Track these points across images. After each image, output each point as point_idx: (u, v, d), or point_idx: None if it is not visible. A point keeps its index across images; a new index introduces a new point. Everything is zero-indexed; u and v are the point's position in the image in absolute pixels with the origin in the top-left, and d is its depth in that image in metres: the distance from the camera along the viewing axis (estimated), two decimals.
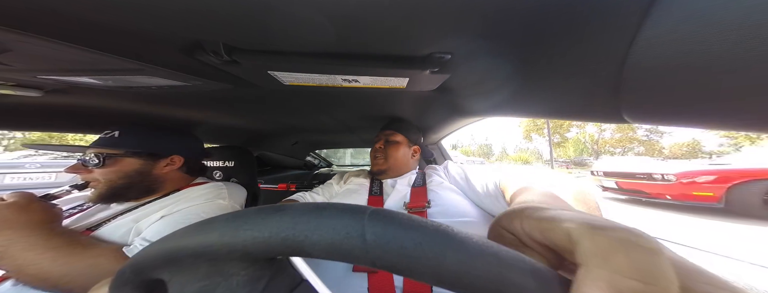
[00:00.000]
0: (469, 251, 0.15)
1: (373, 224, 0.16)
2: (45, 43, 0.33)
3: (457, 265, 0.15)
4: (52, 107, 0.67)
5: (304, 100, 0.75)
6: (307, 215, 0.17)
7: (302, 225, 0.16)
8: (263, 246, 0.17)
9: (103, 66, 0.42)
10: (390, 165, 0.85)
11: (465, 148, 43.28)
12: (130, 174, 0.66)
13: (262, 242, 0.17)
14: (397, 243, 0.15)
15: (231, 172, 1.01)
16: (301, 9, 0.28)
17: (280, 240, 0.16)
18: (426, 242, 0.15)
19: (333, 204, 0.18)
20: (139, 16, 0.30)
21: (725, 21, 0.19)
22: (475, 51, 0.40)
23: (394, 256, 0.15)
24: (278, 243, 0.16)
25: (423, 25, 0.32)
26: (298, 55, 0.40)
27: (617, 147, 27.52)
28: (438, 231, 0.16)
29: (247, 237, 0.17)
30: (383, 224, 0.16)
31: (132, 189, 0.67)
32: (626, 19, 0.25)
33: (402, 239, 0.15)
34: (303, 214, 0.17)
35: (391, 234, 0.16)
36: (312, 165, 2.50)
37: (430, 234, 0.16)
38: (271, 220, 0.17)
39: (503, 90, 0.55)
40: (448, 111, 0.87)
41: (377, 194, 0.76)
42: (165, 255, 0.19)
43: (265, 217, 0.17)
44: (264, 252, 0.17)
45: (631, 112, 0.34)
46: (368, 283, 0.43)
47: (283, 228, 0.16)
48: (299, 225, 0.16)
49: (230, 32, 0.34)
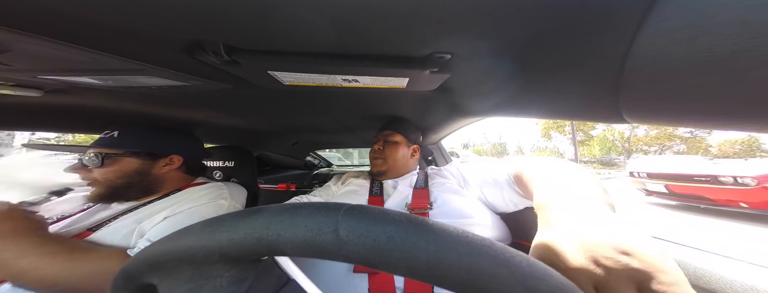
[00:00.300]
0: (441, 242, 0.15)
1: (347, 220, 0.16)
2: (45, 43, 0.33)
3: (428, 256, 0.15)
4: (52, 107, 0.67)
5: (304, 100, 0.75)
6: (281, 215, 0.17)
7: (276, 225, 0.17)
8: (239, 247, 0.17)
9: (103, 66, 0.42)
10: (390, 165, 0.84)
11: (477, 147, 41.18)
12: (129, 173, 0.66)
13: (237, 243, 0.17)
14: (370, 237, 0.16)
15: (231, 172, 1.01)
16: (301, 9, 0.28)
17: (255, 240, 0.17)
18: (398, 234, 0.16)
19: (309, 203, 0.18)
20: (139, 16, 0.30)
21: (725, 21, 0.19)
22: (475, 51, 0.40)
23: (367, 250, 0.15)
24: (254, 243, 0.17)
25: (423, 25, 0.32)
26: (298, 55, 0.40)
27: (652, 146, 24.75)
28: (411, 223, 0.16)
29: (223, 239, 0.17)
30: (356, 219, 0.16)
31: (131, 189, 0.67)
32: (626, 19, 0.25)
33: (375, 233, 0.16)
34: (277, 214, 0.17)
35: (363, 229, 0.16)
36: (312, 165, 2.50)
37: (402, 227, 0.16)
38: (245, 222, 0.18)
39: (503, 90, 0.55)
40: (448, 111, 0.87)
41: (377, 194, 0.75)
42: (150, 262, 0.20)
43: (241, 219, 0.18)
44: (241, 252, 0.17)
45: (631, 112, 0.34)
46: (369, 284, 0.43)
47: (257, 229, 0.17)
48: (273, 224, 0.17)
49: (230, 32, 0.34)
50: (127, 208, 0.66)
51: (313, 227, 0.16)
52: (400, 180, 0.81)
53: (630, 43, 0.26)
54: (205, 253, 0.18)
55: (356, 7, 0.28)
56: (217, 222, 0.19)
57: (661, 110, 0.30)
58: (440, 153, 1.58)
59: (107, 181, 0.64)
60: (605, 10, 0.26)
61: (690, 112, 0.27)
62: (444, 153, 1.59)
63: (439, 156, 1.57)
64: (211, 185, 0.77)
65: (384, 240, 0.15)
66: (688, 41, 0.21)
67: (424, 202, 0.65)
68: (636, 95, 0.31)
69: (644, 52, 0.26)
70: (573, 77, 0.38)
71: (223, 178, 0.99)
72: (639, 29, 0.25)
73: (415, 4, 0.27)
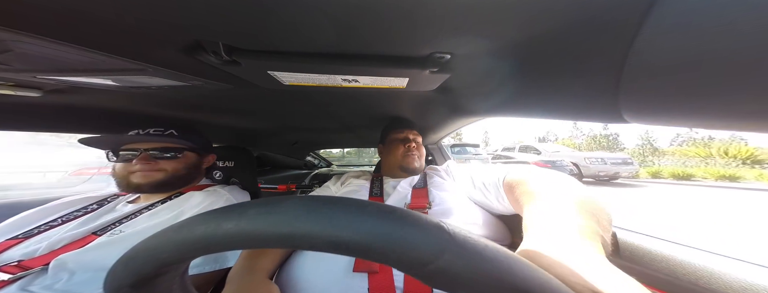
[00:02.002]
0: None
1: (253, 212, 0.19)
2: (45, 43, 0.33)
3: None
4: (52, 107, 0.67)
5: (304, 99, 0.75)
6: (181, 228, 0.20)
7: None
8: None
9: (103, 66, 0.42)
10: (421, 163, 0.93)
11: (566, 140, 31.10)
12: (189, 166, 0.78)
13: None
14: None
15: (231, 172, 1.01)
16: (301, 9, 0.28)
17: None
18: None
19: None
20: (139, 16, 0.30)
21: (725, 20, 0.19)
22: (475, 51, 0.40)
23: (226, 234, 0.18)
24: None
25: (423, 26, 0.32)
26: (298, 55, 0.40)
27: None
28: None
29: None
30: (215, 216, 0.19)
31: (184, 180, 0.77)
32: (626, 19, 0.25)
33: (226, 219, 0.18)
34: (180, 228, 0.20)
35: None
36: (312, 165, 2.50)
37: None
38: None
39: (503, 90, 0.55)
40: (448, 111, 0.87)
41: (378, 195, 0.76)
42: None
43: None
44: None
45: (631, 112, 0.34)
46: (368, 284, 0.43)
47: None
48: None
49: (230, 32, 0.34)
50: (132, 210, 0.66)
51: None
52: (402, 180, 0.81)
53: (630, 43, 0.26)
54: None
55: (356, 7, 0.28)
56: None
57: (661, 110, 0.30)
58: (441, 153, 1.58)
59: (174, 171, 0.73)
60: (605, 10, 0.26)
61: (690, 112, 0.27)
62: (444, 153, 1.59)
63: (440, 157, 1.57)
64: (212, 191, 0.77)
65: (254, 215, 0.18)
66: (688, 41, 0.21)
67: (423, 202, 0.65)
68: (636, 95, 0.31)
69: (644, 52, 0.26)
70: (573, 77, 0.38)
71: (222, 178, 1.00)
72: (639, 29, 0.25)
73: (414, 4, 0.27)
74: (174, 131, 0.77)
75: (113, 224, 0.61)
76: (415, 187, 0.74)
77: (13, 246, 0.54)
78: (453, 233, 0.17)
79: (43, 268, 0.49)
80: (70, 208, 0.68)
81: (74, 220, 0.63)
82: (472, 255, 0.16)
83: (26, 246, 0.55)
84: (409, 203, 0.66)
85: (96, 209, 0.68)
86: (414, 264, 0.16)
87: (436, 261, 0.16)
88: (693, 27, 0.21)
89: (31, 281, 0.48)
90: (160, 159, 0.72)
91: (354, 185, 0.84)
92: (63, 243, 0.55)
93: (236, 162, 1.03)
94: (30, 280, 0.48)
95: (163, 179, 0.71)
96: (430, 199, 0.66)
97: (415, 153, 0.92)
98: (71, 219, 0.64)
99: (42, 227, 0.61)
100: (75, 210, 0.68)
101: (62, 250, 0.53)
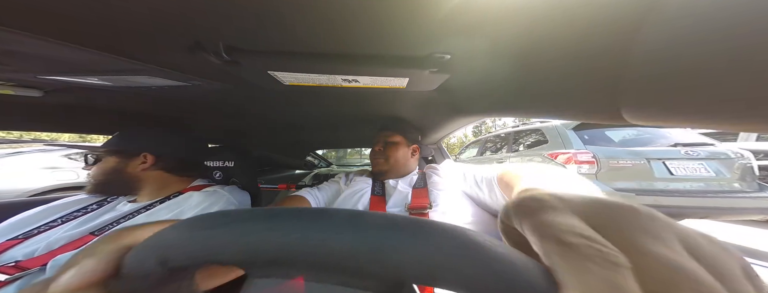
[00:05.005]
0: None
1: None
2: (45, 43, 0.33)
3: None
4: (52, 107, 0.67)
5: (304, 100, 0.75)
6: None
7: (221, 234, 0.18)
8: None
9: (103, 66, 0.42)
10: (391, 165, 0.85)
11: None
12: (107, 171, 0.70)
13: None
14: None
15: (231, 172, 1.01)
16: (300, 9, 0.28)
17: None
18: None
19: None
20: (139, 17, 0.30)
21: (726, 20, 0.19)
22: (475, 51, 0.40)
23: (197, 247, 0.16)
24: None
25: (422, 26, 0.32)
26: (298, 55, 0.40)
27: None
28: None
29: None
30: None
31: (111, 186, 0.71)
32: (626, 18, 0.25)
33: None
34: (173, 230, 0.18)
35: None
36: (312, 165, 2.50)
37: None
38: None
39: (503, 90, 0.55)
40: (448, 111, 0.87)
41: (379, 194, 0.76)
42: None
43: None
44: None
45: (631, 111, 0.33)
46: None
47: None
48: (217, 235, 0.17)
49: (230, 32, 0.34)
50: (129, 210, 0.66)
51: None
52: (401, 180, 0.81)
53: (630, 42, 0.26)
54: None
55: (356, 7, 0.28)
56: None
57: (662, 110, 0.30)
58: (440, 153, 1.58)
59: (94, 177, 0.69)
60: (605, 10, 0.26)
61: (691, 112, 0.27)
62: (444, 153, 1.59)
63: (439, 157, 1.57)
64: (212, 191, 0.75)
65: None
66: (688, 41, 0.21)
67: (424, 202, 0.65)
68: (636, 95, 0.31)
69: (644, 52, 0.26)
70: (573, 77, 0.38)
71: (222, 178, 0.99)
72: (639, 29, 0.25)
73: (414, 4, 0.27)
74: (117, 133, 0.72)
75: (111, 224, 0.61)
76: (415, 187, 0.74)
77: (13, 246, 0.54)
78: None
79: (40, 269, 0.49)
80: (71, 208, 0.68)
81: (74, 220, 0.63)
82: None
83: (26, 246, 0.55)
84: (409, 203, 0.66)
85: (95, 209, 0.68)
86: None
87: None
88: (693, 27, 0.21)
89: (30, 281, 0.48)
90: (92, 165, 0.71)
91: (358, 185, 0.84)
92: (61, 243, 0.55)
93: (236, 162, 1.02)
94: (28, 281, 0.48)
95: (92, 187, 0.69)
96: (430, 199, 0.66)
97: (379, 157, 0.87)
98: (71, 219, 0.64)
99: (42, 227, 0.61)
100: (75, 210, 0.67)
101: (60, 250, 0.53)
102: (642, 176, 2.27)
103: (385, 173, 0.84)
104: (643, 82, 0.28)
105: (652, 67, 0.26)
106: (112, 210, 0.67)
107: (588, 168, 2.36)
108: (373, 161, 0.88)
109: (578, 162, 2.40)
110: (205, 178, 0.88)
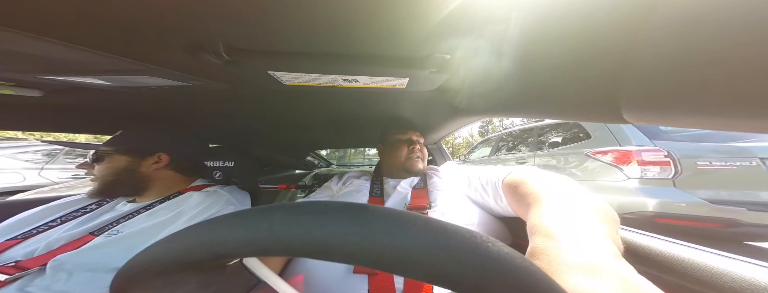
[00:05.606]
0: (372, 226, 0.16)
1: (281, 216, 0.17)
2: (45, 43, 0.33)
3: (363, 242, 0.15)
4: (52, 107, 0.67)
5: (304, 100, 0.75)
6: (228, 221, 0.18)
7: (221, 230, 0.18)
8: (184, 255, 0.18)
9: (104, 66, 0.42)
10: (424, 165, 0.91)
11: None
12: (117, 171, 0.68)
13: (183, 251, 0.18)
14: (303, 228, 0.16)
15: (231, 172, 1.01)
16: (301, 9, 0.28)
17: (202, 247, 0.18)
18: (331, 223, 0.16)
19: (251, 209, 0.19)
20: (139, 16, 0.30)
21: (727, 20, 0.19)
22: (475, 51, 0.40)
23: (300, 241, 0.16)
24: (201, 250, 0.18)
25: (423, 26, 0.32)
26: (298, 55, 0.40)
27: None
28: (341, 210, 0.17)
29: (173, 250, 0.19)
30: (290, 215, 0.17)
31: (121, 186, 0.69)
32: (626, 18, 0.25)
33: (308, 224, 0.16)
34: (224, 221, 0.19)
35: (296, 222, 0.16)
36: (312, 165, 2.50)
37: (334, 215, 0.16)
38: (191, 233, 0.19)
39: (503, 90, 0.55)
40: (448, 111, 0.87)
41: (377, 195, 0.75)
42: (129, 277, 0.20)
43: (190, 231, 0.19)
44: (194, 259, 0.18)
45: (631, 111, 0.33)
46: (368, 285, 0.43)
47: (202, 236, 0.18)
48: (217, 230, 0.18)
49: (230, 32, 0.34)
50: (129, 210, 0.66)
51: (252, 226, 0.17)
52: (402, 181, 0.81)
53: (630, 42, 0.26)
54: (163, 263, 0.19)
55: (356, 7, 0.28)
56: (170, 237, 0.20)
57: (661, 109, 0.30)
58: (441, 153, 1.58)
59: (101, 177, 0.67)
60: (605, 9, 0.26)
61: (691, 112, 0.27)
62: (444, 153, 1.59)
63: (440, 157, 1.57)
64: (211, 191, 0.75)
65: (316, 229, 0.16)
66: (688, 40, 0.21)
67: (424, 202, 0.65)
68: (636, 95, 0.31)
69: (644, 52, 0.26)
70: (572, 77, 0.38)
71: (223, 178, 0.99)
72: (639, 28, 0.25)
73: (414, 5, 0.27)
74: (120, 132, 0.71)
75: (111, 224, 0.61)
76: (415, 188, 0.74)
77: (12, 246, 0.54)
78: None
79: (40, 269, 0.49)
80: (70, 208, 0.68)
81: (73, 220, 0.63)
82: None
83: (26, 246, 0.55)
84: (409, 203, 0.66)
85: (95, 209, 0.67)
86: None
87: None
88: (694, 27, 0.21)
89: (30, 281, 0.48)
90: (96, 165, 0.69)
91: (355, 185, 0.84)
92: (60, 243, 0.55)
93: (236, 162, 1.02)
94: (28, 281, 0.48)
95: (97, 186, 0.68)
96: (430, 200, 0.66)
97: (419, 156, 0.91)
98: (70, 219, 0.64)
99: (41, 227, 0.61)
100: (74, 210, 0.67)
101: (60, 250, 0.53)
102: (753, 183, 1.56)
103: (419, 172, 0.88)
104: (643, 81, 0.28)
105: (652, 66, 0.26)
106: (111, 210, 0.67)
107: (659, 171, 1.68)
108: (411, 160, 0.90)
109: (644, 163, 1.72)
110: (205, 178, 0.88)
